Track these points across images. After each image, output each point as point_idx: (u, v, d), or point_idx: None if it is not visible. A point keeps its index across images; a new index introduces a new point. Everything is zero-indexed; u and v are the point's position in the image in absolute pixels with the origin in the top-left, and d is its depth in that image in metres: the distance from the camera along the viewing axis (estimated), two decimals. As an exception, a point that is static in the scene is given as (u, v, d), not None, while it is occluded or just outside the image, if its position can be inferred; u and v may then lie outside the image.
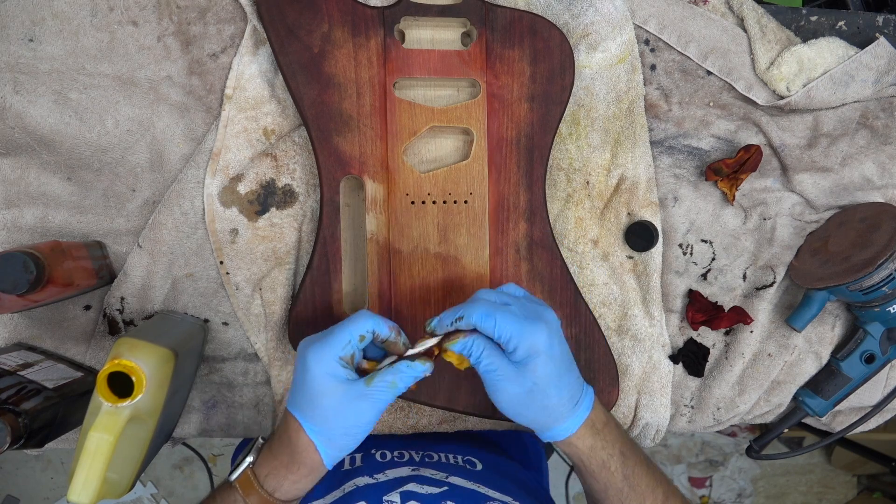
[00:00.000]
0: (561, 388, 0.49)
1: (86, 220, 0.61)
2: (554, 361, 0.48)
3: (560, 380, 0.48)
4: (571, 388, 0.50)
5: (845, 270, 0.65)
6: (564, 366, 0.49)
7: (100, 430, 0.43)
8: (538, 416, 0.49)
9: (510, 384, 0.48)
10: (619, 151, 0.67)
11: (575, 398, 0.50)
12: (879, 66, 0.67)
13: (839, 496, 2.02)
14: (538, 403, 0.48)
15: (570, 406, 0.50)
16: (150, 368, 0.46)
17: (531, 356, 0.47)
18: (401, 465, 0.59)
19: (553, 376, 0.48)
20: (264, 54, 0.61)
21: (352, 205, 0.62)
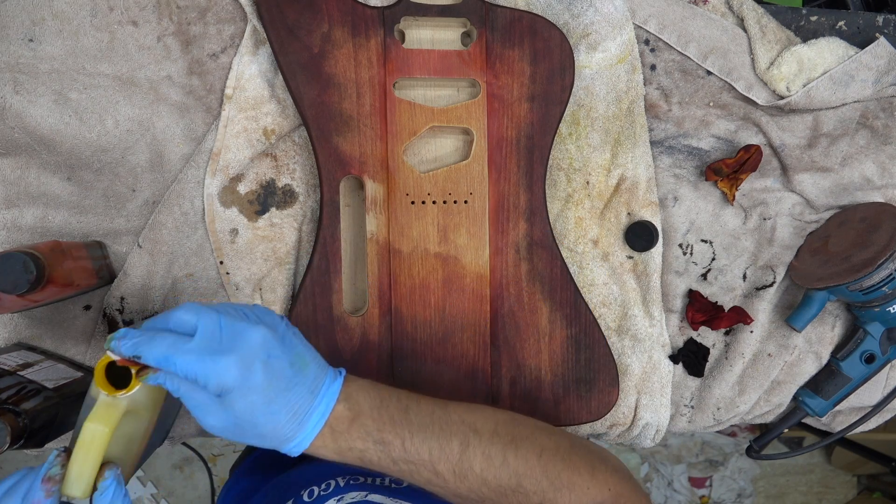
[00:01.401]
0: (273, 414, 0.43)
1: (86, 220, 0.61)
2: (256, 391, 0.42)
3: (269, 406, 0.43)
4: (291, 406, 0.44)
5: (845, 270, 0.65)
6: (276, 387, 0.43)
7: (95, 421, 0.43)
8: (259, 442, 0.44)
9: (214, 418, 0.43)
10: (619, 151, 0.67)
11: (300, 414, 0.44)
12: (879, 66, 0.67)
13: (839, 496, 2.02)
14: (251, 433, 0.44)
15: (293, 425, 0.44)
16: None
17: (224, 393, 0.42)
18: (326, 500, 0.56)
19: (258, 406, 0.42)
20: (264, 54, 0.61)
21: (352, 205, 0.62)
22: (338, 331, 0.61)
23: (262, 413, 0.43)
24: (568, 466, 0.49)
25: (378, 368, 0.62)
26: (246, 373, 0.42)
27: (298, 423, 0.44)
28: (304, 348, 0.46)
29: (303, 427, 0.44)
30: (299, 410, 0.44)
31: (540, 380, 0.65)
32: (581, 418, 0.66)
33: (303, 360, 0.45)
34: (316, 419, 0.44)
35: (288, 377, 0.43)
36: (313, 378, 0.45)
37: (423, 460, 0.46)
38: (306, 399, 0.44)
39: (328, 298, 0.61)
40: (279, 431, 0.44)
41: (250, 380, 0.42)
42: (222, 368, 0.41)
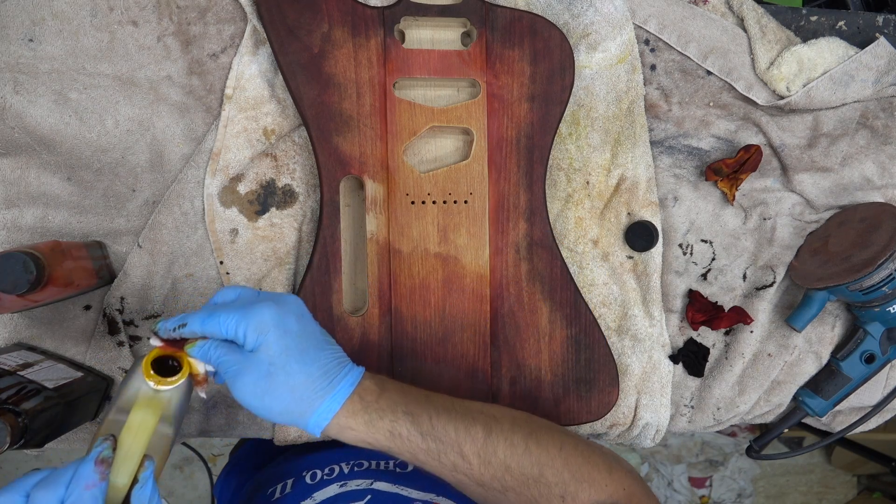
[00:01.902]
0: (306, 363, 0.44)
1: (86, 220, 0.61)
2: (291, 336, 0.44)
3: (304, 354, 0.44)
4: (322, 363, 0.45)
5: (845, 270, 0.65)
6: (309, 342, 0.45)
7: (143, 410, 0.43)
8: (288, 403, 0.44)
9: (249, 374, 0.44)
10: (619, 151, 0.67)
11: (330, 375, 0.45)
12: (879, 66, 0.67)
13: (839, 496, 2.02)
14: (282, 384, 0.44)
15: (323, 383, 0.45)
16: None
17: (261, 334, 0.44)
18: (329, 484, 0.57)
19: (293, 350, 0.44)
20: (264, 54, 0.61)
21: (352, 205, 0.62)
22: (338, 331, 0.61)
23: (297, 360, 0.44)
24: (587, 462, 0.49)
25: (378, 368, 0.62)
26: (281, 317, 0.44)
27: (329, 382, 0.45)
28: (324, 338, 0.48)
29: (333, 388, 0.45)
30: (330, 370, 0.45)
31: (540, 380, 0.65)
32: (581, 418, 0.66)
33: (328, 338, 0.48)
34: (347, 383, 0.46)
35: (318, 339, 0.46)
36: (340, 353, 0.47)
37: (451, 440, 0.47)
38: (335, 364, 0.46)
39: (328, 298, 0.61)
40: (311, 385, 0.44)
41: (286, 324, 0.45)
42: (261, 308, 0.44)
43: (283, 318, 0.45)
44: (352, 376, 0.46)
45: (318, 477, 0.60)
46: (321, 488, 0.58)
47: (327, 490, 0.57)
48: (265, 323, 0.44)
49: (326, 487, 0.57)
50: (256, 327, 0.44)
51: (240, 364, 0.44)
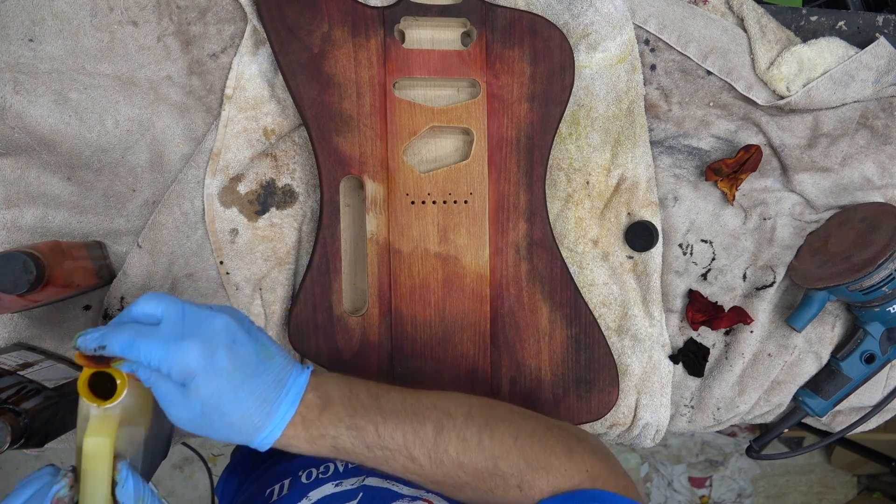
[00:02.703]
0: (240, 401, 0.42)
1: (86, 220, 0.61)
2: (222, 375, 0.42)
3: (236, 392, 0.42)
4: (259, 394, 0.43)
5: (845, 270, 0.65)
6: (243, 373, 0.43)
7: (94, 435, 0.43)
8: (229, 434, 0.43)
9: (181, 410, 0.42)
10: (619, 151, 0.67)
11: (269, 402, 0.43)
12: (879, 66, 0.67)
13: (839, 496, 2.02)
14: (219, 423, 0.43)
15: (262, 413, 0.43)
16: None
17: (188, 377, 0.41)
18: (324, 483, 0.57)
19: (225, 392, 0.42)
20: (264, 54, 0.61)
21: (352, 205, 0.62)
22: (338, 331, 0.61)
23: (230, 400, 0.42)
24: (545, 448, 0.48)
25: (378, 368, 0.62)
26: (209, 356, 0.41)
27: (267, 412, 0.43)
28: (270, 342, 0.46)
29: (272, 415, 0.43)
30: (268, 398, 0.43)
31: (540, 380, 0.65)
32: (581, 418, 0.66)
33: (268, 350, 0.45)
34: (286, 407, 0.44)
35: (254, 364, 0.43)
36: (280, 368, 0.45)
37: (399, 445, 0.46)
38: (274, 388, 0.44)
39: (328, 298, 0.61)
40: (248, 420, 0.43)
41: (215, 364, 0.42)
42: (185, 351, 0.41)
43: (212, 358, 0.42)
44: (292, 394, 0.44)
45: (314, 475, 0.60)
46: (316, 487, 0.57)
47: (322, 489, 0.57)
48: (191, 368, 0.41)
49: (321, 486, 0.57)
50: (181, 371, 0.41)
51: (170, 396, 0.42)
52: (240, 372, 0.43)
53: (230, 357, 0.42)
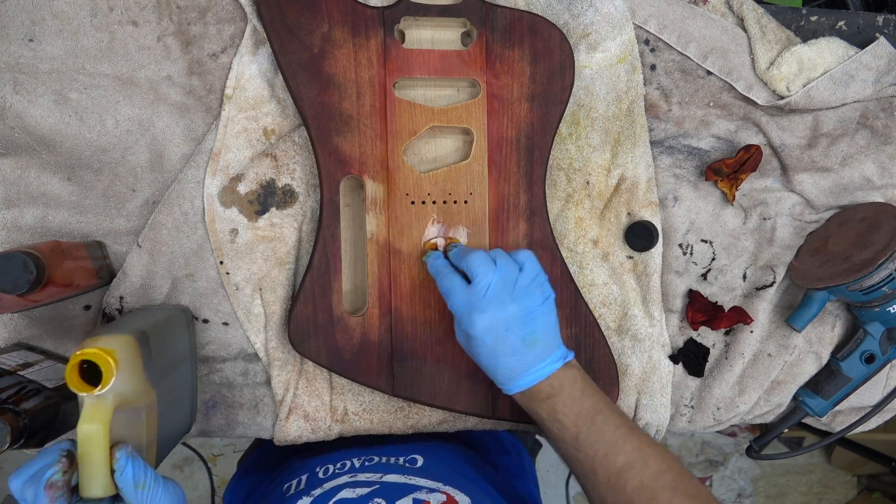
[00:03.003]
0: (493, 366, 0.55)
1: (86, 220, 0.61)
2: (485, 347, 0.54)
3: (492, 360, 0.54)
4: (507, 369, 0.54)
5: (845, 270, 0.65)
6: (502, 352, 0.54)
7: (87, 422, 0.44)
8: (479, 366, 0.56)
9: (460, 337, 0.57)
10: (619, 151, 0.67)
11: (513, 376, 0.55)
12: (879, 66, 0.67)
13: (839, 496, 2.02)
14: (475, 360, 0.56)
15: (503, 379, 0.55)
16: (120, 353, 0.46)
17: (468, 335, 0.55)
18: (340, 475, 0.60)
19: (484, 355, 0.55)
20: (264, 54, 0.61)
21: (352, 205, 0.62)
22: (338, 331, 0.61)
23: (488, 364, 0.55)
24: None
25: (378, 368, 0.62)
26: (484, 334, 0.53)
27: (508, 379, 0.55)
28: (543, 328, 0.55)
29: (513, 384, 0.55)
30: (512, 374, 0.55)
31: (540, 380, 0.65)
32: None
33: (534, 338, 0.54)
34: (522, 384, 0.55)
35: (514, 350, 0.54)
36: (534, 356, 0.55)
37: (587, 455, 0.53)
38: (521, 368, 0.55)
39: (328, 298, 0.61)
40: (494, 375, 0.56)
41: (485, 339, 0.54)
42: (473, 322, 0.53)
43: (484, 336, 0.53)
44: (530, 378, 0.55)
45: (331, 471, 0.62)
46: (332, 479, 0.59)
47: (337, 480, 0.59)
48: (470, 332, 0.54)
49: (337, 478, 0.59)
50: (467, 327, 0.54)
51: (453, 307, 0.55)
52: (498, 351, 0.54)
53: (496, 340, 0.54)
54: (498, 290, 0.53)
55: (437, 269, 0.58)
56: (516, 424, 0.68)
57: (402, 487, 0.56)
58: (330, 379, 0.65)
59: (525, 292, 0.54)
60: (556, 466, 1.82)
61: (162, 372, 0.53)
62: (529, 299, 0.54)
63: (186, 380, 0.60)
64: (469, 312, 0.53)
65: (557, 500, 1.80)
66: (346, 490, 0.56)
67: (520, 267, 0.55)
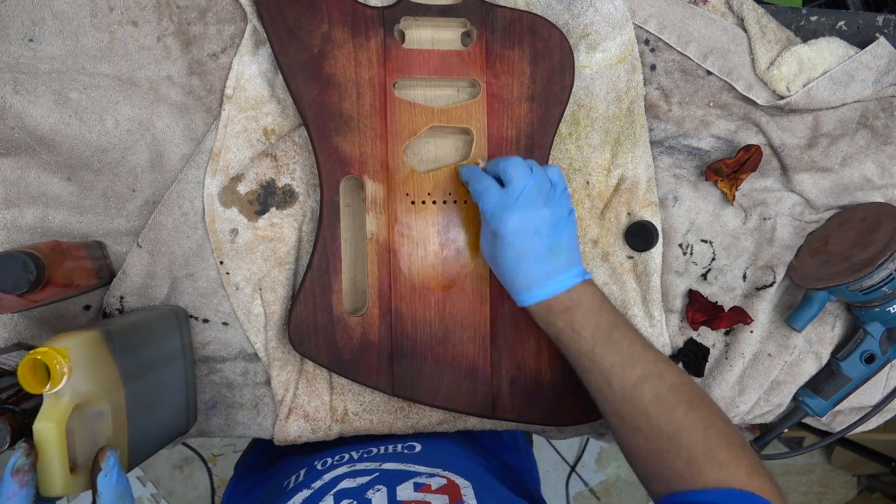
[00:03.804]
0: (516, 271, 0.55)
1: (86, 220, 0.61)
2: (512, 248, 0.54)
3: (518, 264, 0.55)
4: (530, 276, 0.55)
5: (845, 270, 0.65)
6: (528, 257, 0.54)
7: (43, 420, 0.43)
8: (499, 274, 0.57)
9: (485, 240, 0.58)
10: (619, 151, 0.67)
11: (533, 285, 0.55)
12: (879, 66, 0.67)
13: (839, 496, 2.02)
14: (494, 266, 0.57)
15: (523, 288, 0.56)
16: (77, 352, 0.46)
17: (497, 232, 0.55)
18: (339, 466, 0.60)
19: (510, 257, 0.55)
20: (264, 54, 0.61)
21: (352, 205, 0.62)
22: (338, 331, 0.61)
23: (510, 268, 0.55)
24: (729, 448, 0.50)
25: (378, 368, 0.62)
26: (513, 235, 0.54)
27: (528, 289, 0.56)
28: (569, 239, 0.56)
29: (530, 292, 0.56)
30: (533, 282, 0.55)
31: (540, 380, 0.65)
32: (581, 418, 0.66)
33: (560, 247, 0.55)
34: (542, 293, 0.55)
35: (540, 255, 0.55)
36: (558, 265, 0.55)
37: (603, 368, 0.54)
38: (544, 277, 0.55)
39: (328, 298, 0.61)
40: (513, 285, 0.56)
41: (513, 240, 0.54)
42: (504, 220, 0.54)
43: (513, 236, 0.54)
44: (551, 288, 0.55)
45: (329, 463, 0.62)
46: (331, 471, 0.60)
47: (336, 471, 0.59)
48: (500, 231, 0.54)
49: (336, 469, 0.60)
50: (496, 226, 0.54)
51: (483, 222, 0.57)
52: (525, 256, 0.55)
53: (525, 241, 0.54)
54: (532, 193, 0.54)
55: (472, 171, 0.58)
56: (516, 424, 0.68)
57: (402, 474, 0.56)
58: (330, 379, 0.65)
59: (557, 201, 0.56)
60: (556, 466, 1.82)
61: (136, 372, 0.52)
62: (560, 208, 0.56)
63: (175, 379, 0.59)
64: (502, 211, 0.54)
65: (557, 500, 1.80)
66: (346, 480, 0.56)
67: (551, 179, 0.56)
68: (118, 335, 0.50)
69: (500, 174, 0.56)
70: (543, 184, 0.55)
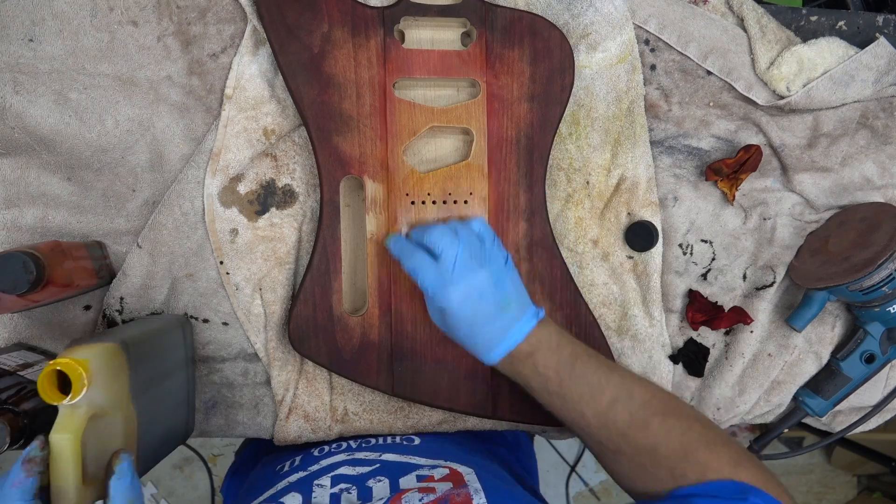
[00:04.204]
0: (472, 338, 0.55)
1: (86, 220, 0.61)
2: (463, 321, 0.54)
3: (472, 332, 0.55)
4: (487, 338, 0.55)
5: (845, 270, 0.65)
6: (480, 323, 0.54)
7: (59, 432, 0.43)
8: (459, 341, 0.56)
9: (436, 317, 0.57)
10: (619, 151, 0.67)
11: (492, 345, 0.55)
12: (879, 66, 0.67)
13: (839, 496, 2.02)
14: (454, 335, 0.56)
15: (484, 349, 0.55)
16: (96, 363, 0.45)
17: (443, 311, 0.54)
18: (336, 454, 0.60)
19: (463, 330, 0.55)
20: (264, 54, 0.61)
21: (352, 205, 0.62)
22: (338, 331, 0.61)
23: (467, 335, 0.55)
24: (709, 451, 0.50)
25: (378, 368, 0.62)
26: (460, 306, 0.53)
27: (487, 349, 0.55)
28: (513, 289, 0.55)
29: (490, 352, 0.55)
30: (491, 342, 0.55)
31: (540, 380, 0.65)
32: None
33: (507, 300, 0.55)
34: (504, 348, 0.55)
35: (490, 315, 0.54)
36: (510, 318, 0.55)
37: (573, 400, 0.54)
38: (500, 334, 0.55)
39: (328, 298, 0.61)
40: (475, 346, 0.56)
41: (462, 311, 0.53)
42: (448, 296, 0.53)
43: (461, 308, 0.53)
44: (509, 341, 0.55)
45: (326, 450, 0.62)
46: (328, 457, 0.60)
47: (334, 458, 0.59)
48: (446, 307, 0.53)
49: (334, 456, 0.60)
50: (440, 304, 0.54)
51: (430, 308, 0.56)
52: (477, 322, 0.54)
53: (474, 310, 0.54)
54: (465, 259, 0.53)
55: (401, 247, 0.57)
56: (516, 424, 0.68)
57: (404, 466, 0.56)
58: (330, 379, 0.65)
59: (490, 257, 0.55)
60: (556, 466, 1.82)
61: (147, 383, 0.52)
62: (495, 263, 0.55)
63: (179, 389, 0.59)
64: (442, 287, 0.53)
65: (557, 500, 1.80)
66: (344, 467, 0.56)
67: (478, 234, 0.56)
68: (133, 346, 0.50)
69: (427, 246, 0.55)
70: (473, 244, 0.54)
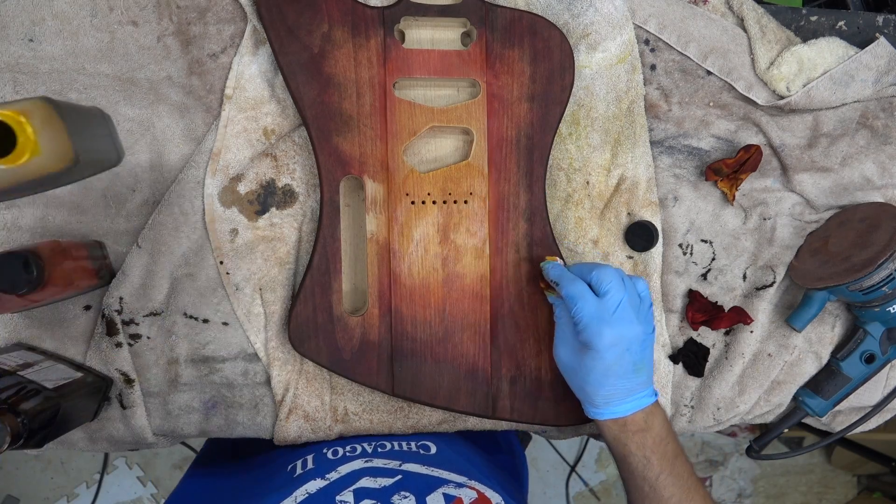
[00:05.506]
0: (599, 386, 0.55)
1: (86, 220, 0.61)
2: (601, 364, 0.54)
3: (603, 380, 0.55)
4: (613, 391, 0.55)
5: (845, 270, 0.65)
6: (615, 373, 0.54)
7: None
8: (577, 390, 0.58)
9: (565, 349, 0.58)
10: (619, 151, 0.67)
11: (613, 401, 0.55)
12: (879, 66, 0.67)
13: (839, 496, 2.02)
14: (577, 380, 0.57)
15: (603, 402, 0.56)
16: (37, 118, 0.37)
17: (586, 348, 0.55)
18: (353, 459, 0.59)
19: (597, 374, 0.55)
20: (264, 54, 0.61)
21: (352, 205, 0.62)
22: (338, 331, 0.61)
23: (595, 381, 0.55)
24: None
25: (378, 368, 0.62)
26: (607, 349, 0.54)
27: (607, 404, 0.56)
28: (650, 360, 0.57)
29: (608, 409, 0.56)
30: (614, 397, 0.55)
31: (540, 380, 0.65)
32: (581, 419, 0.66)
33: (642, 365, 0.56)
34: (621, 410, 0.56)
35: (626, 372, 0.55)
36: (639, 383, 0.56)
37: (662, 497, 0.56)
38: (624, 393, 0.56)
39: (328, 298, 0.61)
40: (593, 398, 0.56)
41: (605, 355, 0.54)
42: (601, 332, 0.53)
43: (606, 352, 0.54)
44: (631, 406, 0.56)
45: (340, 453, 0.61)
46: (345, 462, 0.58)
47: (352, 464, 0.58)
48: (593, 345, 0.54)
49: (351, 462, 0.58)
50: (587, 340, 0.54)
51: (566, 332, 0.58)
52: (613, 372, 0.54)
53: (616, 358, 0.54)
54: (627, 307, 0.54)
55: (562, 273, 0.58)
56: (516, 424, 0.68)
57: (428, 480, 0.55)
58: (330, 379, 0.65)
59: (645, 318, 0.56)
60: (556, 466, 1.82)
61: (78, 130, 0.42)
62: (647, 325, 0.56)
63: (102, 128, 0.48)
64: (598, 323, 0.53)
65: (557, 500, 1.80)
66: (365, 478, 0.55)
67: (639, 292, 0.57)
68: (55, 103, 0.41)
69: (590, 281, 0.55)
70: (634, 298, 0.55)
